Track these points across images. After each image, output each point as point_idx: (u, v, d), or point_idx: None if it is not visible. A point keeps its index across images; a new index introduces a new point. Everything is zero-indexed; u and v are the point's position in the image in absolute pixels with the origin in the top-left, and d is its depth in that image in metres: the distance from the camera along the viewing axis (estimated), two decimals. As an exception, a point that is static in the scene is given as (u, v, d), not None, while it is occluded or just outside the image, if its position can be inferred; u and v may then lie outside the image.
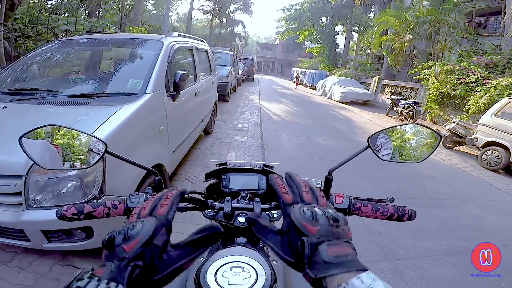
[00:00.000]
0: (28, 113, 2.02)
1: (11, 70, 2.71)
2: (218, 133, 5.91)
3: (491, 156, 5.81)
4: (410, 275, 2.32)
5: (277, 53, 51.14)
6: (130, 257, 0.37)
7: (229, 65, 10.27)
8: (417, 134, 0.83)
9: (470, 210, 3.71)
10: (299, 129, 7.58)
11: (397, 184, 4.30)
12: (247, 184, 0.95)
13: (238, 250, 0.68)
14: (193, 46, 3.90)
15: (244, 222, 0.78)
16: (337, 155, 5.52)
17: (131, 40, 3.28)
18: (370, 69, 19.92)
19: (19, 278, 1.78)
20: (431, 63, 10.57)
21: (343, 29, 28.41)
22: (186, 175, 3.64)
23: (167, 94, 2.66)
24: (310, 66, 31.38)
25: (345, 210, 0.75)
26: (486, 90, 7.86)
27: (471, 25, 12.93)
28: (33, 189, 1.57)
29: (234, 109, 9.01)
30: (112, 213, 0.72)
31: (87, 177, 1.63)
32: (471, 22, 13.25)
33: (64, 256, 2.00)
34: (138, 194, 0.74)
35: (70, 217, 0.71)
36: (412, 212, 0.76)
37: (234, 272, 0.60)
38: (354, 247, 0.40)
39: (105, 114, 1.92)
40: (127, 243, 0.38)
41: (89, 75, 3.02)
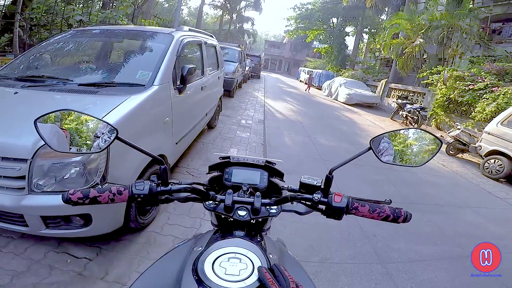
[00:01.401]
0: (38, 99, 2.08)
1: (24, 57, 2.78)
2: (222, 128, 5.95)
3: (493, 165, 5.78)
4: (401, 278, 2.34)
5: (285, 51, 50.90)
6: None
7: (236, 61, 10.28)
8: (419, 139, 0.85)
9: (468, 217, 3.72)
10: (302, 128, 7.59)
11: (396, 188, 4.31)
12: (249, 179, 0.97)
13: (236, 242, 0.70)
14: (202, 41, 3.95)
15: (243, 215, 0.80)
16: (338, 156, 5.53)
17: (142, 32, 3.34)
18: (378, 71, 19.76)
19: (12, 264, 1.80)
20: (441, 68, 10.44)
21: (353, 30, 28.14)
22: (187, 168, 3.69)
23: (174, 87, 2.71)
24: (317, 66, 31.19)
25: (342, 209, 0.77)
26: (494, 97, 7.74)
27: (485, 31, 12.71)
28: (37, 173, 1.61)
29: (239, 105, 9.03)
30: (117, 199, 0.74)
31: (91, 164, 1.68)
32: (486, 28, 13.02)
33: (59, 243, 2.03)
34: (143, 181, 0.76)
35: (75, 201, 0.73)
36: (407, 215, 0.78)
37: (231, 263, 0.62)
38: None
39: (113, 103, 1.98)
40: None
41: (99, 65, 3.09)
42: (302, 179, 0.89)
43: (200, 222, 2.58)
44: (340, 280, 2.21)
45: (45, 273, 1.78)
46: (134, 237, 2.25)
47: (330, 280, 2.19)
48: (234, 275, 0.59)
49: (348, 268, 2.36)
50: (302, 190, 0.89)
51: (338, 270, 2.32)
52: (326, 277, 2.21)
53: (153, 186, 0.76)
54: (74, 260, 1.92)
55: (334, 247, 2.61)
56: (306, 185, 0.88)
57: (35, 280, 1.72)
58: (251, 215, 0.80)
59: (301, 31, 31.41)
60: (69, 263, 1.88)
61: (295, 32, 32.48)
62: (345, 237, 2.78)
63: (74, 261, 1.91)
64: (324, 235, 2.75)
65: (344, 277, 2.24)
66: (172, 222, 2.52)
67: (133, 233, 2.27)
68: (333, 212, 0.78)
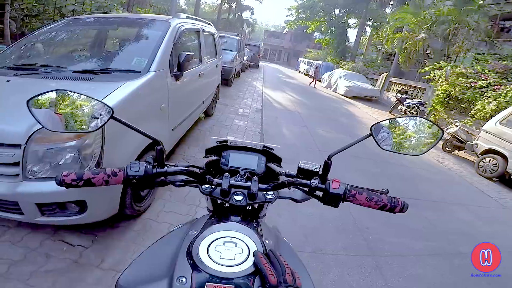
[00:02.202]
0: (31, 86, 2.03)
1: (16, 47, 2.73)
2: (219, 116, 5.92)
3: (488, 164, 5.81)
4: (390, 272, 2.38)
5: (284, 42, 50.37)
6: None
7: (235, 50, 10.20)
8: (420, 127, 0.83)
9: (460, 214, 3.77)
10: (300, 118, 7.57)
11: (391, 182, 4.34)
12: (246, 163, 0.96)
13: (232, 226, 0.69)
14: (200, 29, 3.90)
15: (240, 200, 0.79)
16: (335, 147, 5.42)
17: (138, 20, 3.28)
18: (379, 65, 19.63)
19: (9, 253, 1.80)
20: (444, 64, 10.35)
21: (356, 22, 27.78)
22: (184, 155, 3.69)
23: (171, 74, 2.70)
24: (317, 57, 30.91)
25: (340, 196, 0.76)
26: (496, 96, 7.69)
27: (493, 29, 12.52)
28: (31, 159, 1.59)
29: (237, 94, 8.97)
30: (112, 180, 0.73)
31: (86, 149, 1.66)
32: (494, 25, 12.82)
33: (55, 231, 2.03)
34: (138, 162, 0.75)
35: (69, 183, 0.72)
36: (404, 204, 0.77)
37: (227, 247, 0.62)
38: None
39: (108, 89, 1.95)
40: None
41: (94, 53, 3.04)
42: (300, 164, 0.87)
43: (195, 209, 2.59)
44: (331, 271, 2.24)
45: (41, 261, 1.79)
46: (130, 224, 2.25)
47: (322, 271, 2.22)
48: (229, 259, 0.59)
49: (339, 260, 2.39)
50: (300, 176, 0.87)
51: (330, 261, 2.35)
52: (317, 268, 2.24)
53: (148, 168, 0.74)
54: (70, 248, 1.92)
55: (327, 238, 2.64)
56: (304, 170, 0.86)
57: (32, 268, 1.72)
58: (248, 200, 0.79)
59: (302, 22, 31.01)
60: (65, 251, 1.89)
61: (296, 22, 32.04)
62: (339, 228, 2.81)
63: (70, 249, 1.92)
64: (318, 225, 2.78)
65: (335, 268, 2.28)
66: (167, 209, 2.52)
67: (129, 220, 2.28)
68: (330, 199, 0.77)
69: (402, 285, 2.26)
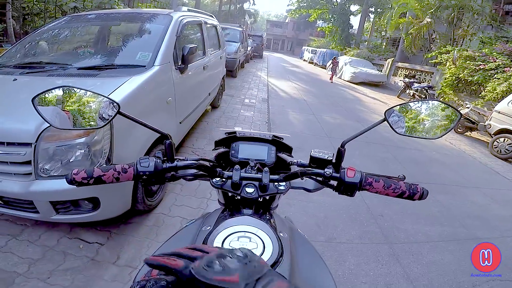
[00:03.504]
0: (37, 84, 2.03)
1: (19, 46, 2.73)
2: (225, 108, 5.89)
3: (502, 144, 5.69)
4: (407, 259, 2.34)
5: (287, 31, 49.81)
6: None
7: (238, 41, 10.11)
8: (435, 110, 0.79)
9: (475, 198, 3.69)
10: (307, 106, 7.49)
11: (403, 167, 4.27)
12: (256, 154, 0.94)
13: (245, 220, 0.68)
14: (202, 21, 3.87)
15: (251, 192, 0.77)
16: (344, 133, 5.46)
17: (141, 14, 3.24)
18: (385, 51, 19.26)
19: (28, 252, 1.82)
20: (450, 48, 10.17)
21: (358, 9, 27.15)
22: (192, 147, 3.68)
23: (175, 67, 2.68)
24: (321, 45, 30.48)
25: (356, 185, 0.72)
26: (506, 77, 7.63)
27: (498, 12, 12.23)
28: (42, 157, 1.59)
29: (242, 84, 8.90)
30: (122, 177, 0.71)
31: (95, 146, 1.65)
32: (499, 9, 12.51)
33: (71, 229, 2.05)
34: (148, 158, 0.72)
35: (79, 181, 0.70)
36: (424, 191, 0.73)
37: (241, 242, 0.60)
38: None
39: (114, 84, 1.93)
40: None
41: (97, 49, 3.03)
42: (312, 153, 0.84)
43: (207, 202, 2.59)
44: (347, 260, 2.21)
45: (59, 259, 1.80)
46: (142, 219, 2.26)
47: (337, 260, 2.20)
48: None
49: (354, 248, 2.37)
50: (312, 165, 0.83)
51: (345, 250, 2.33)
52: (333, 257, 2.22)
53: (158, 163, 0.72)
54: (86, 245, 1.94)
55: (341, 226, 2.61)
56: (317, 159, 0.82)
57: (51, 267, 1.74)
58: (259, 192, 0.77)
59: (303, 10, 30.43)
60: (81, 249, 1.90)
61: (298, 11, 31.47)
62: (352, 216, 2.78)
63: (86, 246, 1.93)
64: (330, 214, 2.75)
65: (351, 257, 2.25)
66: (179, 203, 2.52)
67: (141, 215, 2.28)
68: (345, 188, 0.73)
69: (420, 271, 2.23)
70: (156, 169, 0.71)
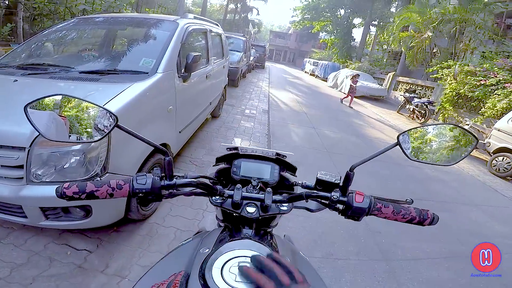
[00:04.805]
0: (38, 86, 2.02)
1: (25, 46, 2.73)
2: (226, 117, 5.88)
3: (501, 163, 5.68)
4: (404, 277, 2.30)
5: (290, 42, 50.36)
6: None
7: (241, 51, 10.18)
8: (450, 135, 0.77)
9: (473, 215, 3.66)
10: (307, 119, 7.49)
11: (402, 184, 4.25)
12: (258, 173, 0.91)
13: (245, 243, 0.64)
14: (208, 29, 3.88)
15: (252, 212, 0.74)
16: (344, 149, 5.47)
17: (146, 20, 3.26)
18: (386, 64, 19.43)
19: (12, 256, 1.77)
20: (451, 63, 10.22)
21: (360, 22, 27.59)
22: (191, 157, 3.65)
23: (178, 75, 2.66)
24: (323, 58, 30.79)
25: (364, 210, 0.70)
26: (507, 94, 7.55)
27: (499, 26, 12.39)
28: (36, 162, 1.56)
29: (243, 94, 8.93)
30: (116, 194, 0.68)
31: (91, 153, 1.63)
32: (501, 23, 12.68)
33: (60, 235, 2.00)
34: (145, 174, 0.69)
35: (70, 196, 0.66)
36: (434, 217, 0.72)
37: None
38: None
39: (115, 90, 1.92)
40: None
41: (102, 53, 3.02)
42: (319, 175, 0.81)
43: (202, 213, 2.55)
44: (343, 276, 2.17)
45: (45, 265, 1.76)
46: (136, 228, 2.22)
47: (333, 277, 2.15)
48: (245, 283, 0.54)
49: (351, 265, 2.32)
50: (318, 187, 0.81)
51: (342, 266, 2.28)
52: (329, 273, 2.17)
53: (156, 180, 0.68)
54: (74, 252, 1.89)
55: (338, 242, 2.57)
56: (323, 182, 0.80)
57: (34, 273, 1.69)
58: (261, 212, 0.75)
59: (307, 22, 30.90)
60: (69, 255, 1.86)
61: (301, 22, 31.94)
62: (350, 232, 2.74)
63: (74, 253, 1.89)
64: (328, 230, 2.71)
65: (347, 274, 2.21)
66: (174, 213, 2.48)
67: (135, 224, 2.24)
68: (353, 213, 0.71)
69: (418, 290, 2.19)
70: (154, 186, 0.68)
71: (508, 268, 2.48)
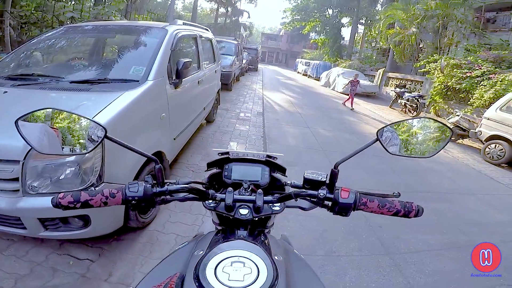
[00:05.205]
0: (29, 98, 2.01)
1: (14, 55, 2.70)
2: (220, 122, 5.88)
3: (494, 150, 5.77)
4: (409, 269, 2.31)
5: (281, 43, 50.71)
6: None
7: (233, 55, 10.21)
8: (427, 128, 0.80)
9: (472, 204, 3.69)
10: (302, 119, 7.52)
11: (399, 178, 4.28)
12: (249, 175, 0.93)
13: (238, 244, 0.66)
14: (197, 35, 3.87)
15: (245, 214, 0.76)
16: (339, 146, 5.50)
17: (135, 27, 3.25)
18: (375, 61, 19.67)
19: (14, 267, 1.77)
20: (437, 57, 10.44)
21: (349, 21, 27.94)
22: (187, 163, 3.64)
23: (170, 82, 2.65)
24: (314, 57, 31.06)
25: (350, 205, 0.72)
26: (492, 84, 7.84)
27: (479, 20, 12.72)
28: (31, 175, 1.55)
29: (237, 98, 8.95)
30: (110, 202, 0.70)
31: (86, 164, 1.61)
32: (480, 17, 13.02)
33: (61, 245, 1.99)
34: (137, 183, 0.71)
35: (66, 205, 0.69)
36: (419, 209, 0.74)
37: (234, 268, 0.58)
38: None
39: (106, 100, 1.91)
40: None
41: (92, 62, 3.01)
42: (305, 174, 0.85)
43: (202, 219, 2.53)
44: (347, 273, 2.17)
45: (48, 275, 1.75)
46: (136, 236, 2.20)
47: (337, 274, 2.15)
48: (238, 281, 0.55)
49: (355, 261, 2.32)
50: (306, 186, 0.85)
51: (345, 263, 2.28)
52: (332, 270, 2.17)
53: (148, 188, 0.71)
54: (77, 262, 1.88)
55: (340, 240, 2.57)
56: (310, 180, 0.84)
57: (39, 283, 1.68)
58: (254, 214, 0.76)
59: (297, 23, 31.23)
60: (71, 265, 1.85)
61: (291, 24, 32.26)
62: (350, 229, 2.74)
63: (76, 262, 1.87)
64: (328, 228, 2.71)
65: (351, 270, 2.21)
66: (173, 220, 2.47)
67: (135, 232, 2.22)
68: (340, 209, 0.73)
69: (424, 281, 2.20)
70: (146, 193, 0.70)
71: (508, 257, 2.49)
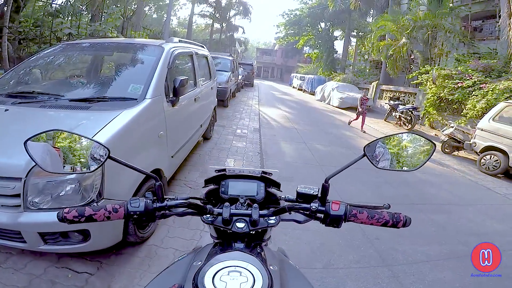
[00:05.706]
0: (29, 116, 2.05)
1: (14, 72, 2.75)
2: (217, 139, 5.92)
3: (489, 161, 5.81)
4: (409, 280, 2.31)
5: (276, 58, 51.45)
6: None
7: (229, 71, 10.31)
8: (413, 142, 0.86)
9: (469, 215, 3.71)
10: (298, 135, 7.59)
11: (396, 190, 4.30)
12: (245, 190, 0.97)
13: (235, 255, 0.69)
14: (193, 52, 3.95)
15: (242, 227, 0.80)
16: (335, 161, 5.53)
17: (132, 45, 3.33)
18: (369, 74, 19.99)
19: (13, 279, 1.78)
20: (429, 68, 10.58)
21: (341, 34, 28.62)
22: (185, 180, 3.65)
23: (167, 100, 2.69)
24: (309, 72, 31.54)
25: (341, 217, 0.77)
26: (484, 94, 7.88)
27: (467, 29, 12.98)
28: (32, 191, 1.59)
29: (234, 114, 9.03)
30: (113, 216, 0.74)
31: (86, 181, 1.65)
32: (467, 26, 13.31)
33: (59, 258, 2.00)
34: (138, 198, 0.76)
35: (71, 219, 0.73)
36: (407, 219, 0.78)
37: (231, 277, 0.61)
38: None
39: (106, 118, 1.95)
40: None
41: (90, 80, 3.06)
42: (298, 188, 0.90)
43: (200, 233, 2.54)
44: (346, 285, 2.17)
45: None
46: (135, 250, 2.21)
47: (336, 286, 2.15)
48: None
49: (353, 273, 2.32)
50: (299, 200, 0.89)
51: (343, 275, 2.28)
52: (331, 283, 2.17)
53: (148, 203, 0.76)
54: (75, 275, 1.89)
55: (337, 252, 2.57)
56: (303, 194, 0.89)
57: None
58: (250, 227, 0.80)
59: (291, 37, 31.93)
60: (70, 278, 1.86)
61: (285, 38, 32.94)
62: (348, 241, 2.75)
63: (75, 276, 1.88)
64: (326, 240, 2.72)
65: (350, 282, 2.21)
66: (172, 234, 2.47)
67: (133, 246, 2.23)
68: (331, 221, 0.78)
69: (423, 291, 2.20)
70: (146, 209, 0.76)
71: (509, 266, 2.49)
